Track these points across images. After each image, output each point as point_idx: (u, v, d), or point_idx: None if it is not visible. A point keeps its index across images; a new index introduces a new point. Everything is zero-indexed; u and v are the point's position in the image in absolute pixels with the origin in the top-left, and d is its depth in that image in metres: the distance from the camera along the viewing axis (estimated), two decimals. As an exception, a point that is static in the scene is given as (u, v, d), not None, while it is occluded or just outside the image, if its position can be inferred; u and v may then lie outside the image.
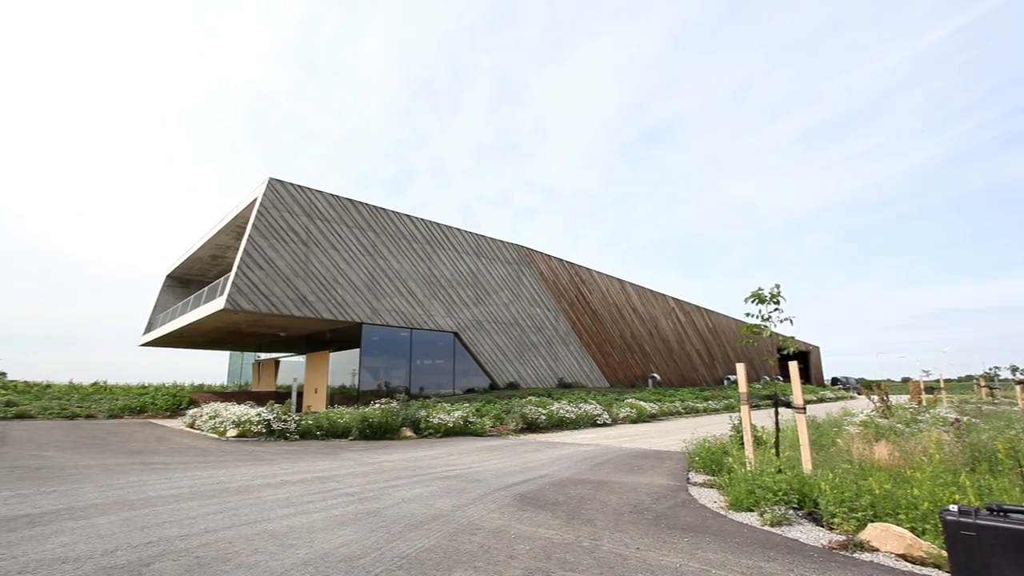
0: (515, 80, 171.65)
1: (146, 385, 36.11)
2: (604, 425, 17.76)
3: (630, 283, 35.05)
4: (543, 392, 22.87)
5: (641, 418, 19.90)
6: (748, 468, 6.06)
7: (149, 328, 28.68)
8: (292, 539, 4.22)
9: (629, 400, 21.82)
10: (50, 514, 4.97)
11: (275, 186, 17.99)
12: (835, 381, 58.62)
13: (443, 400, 18.29)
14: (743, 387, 6.55)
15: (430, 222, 22.69)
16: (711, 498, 6.12)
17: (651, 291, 37.16)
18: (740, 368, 6.67)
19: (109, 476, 7.17)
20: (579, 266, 30.77)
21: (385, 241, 20.80)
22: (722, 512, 5.45)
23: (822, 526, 4.80)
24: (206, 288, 20.08)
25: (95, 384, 35.57)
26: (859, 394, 46.04)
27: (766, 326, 6.78)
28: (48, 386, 33.76)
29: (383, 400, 14.39)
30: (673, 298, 39.69)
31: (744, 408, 6.55)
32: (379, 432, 13.00)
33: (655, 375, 34.49)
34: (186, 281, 29.31)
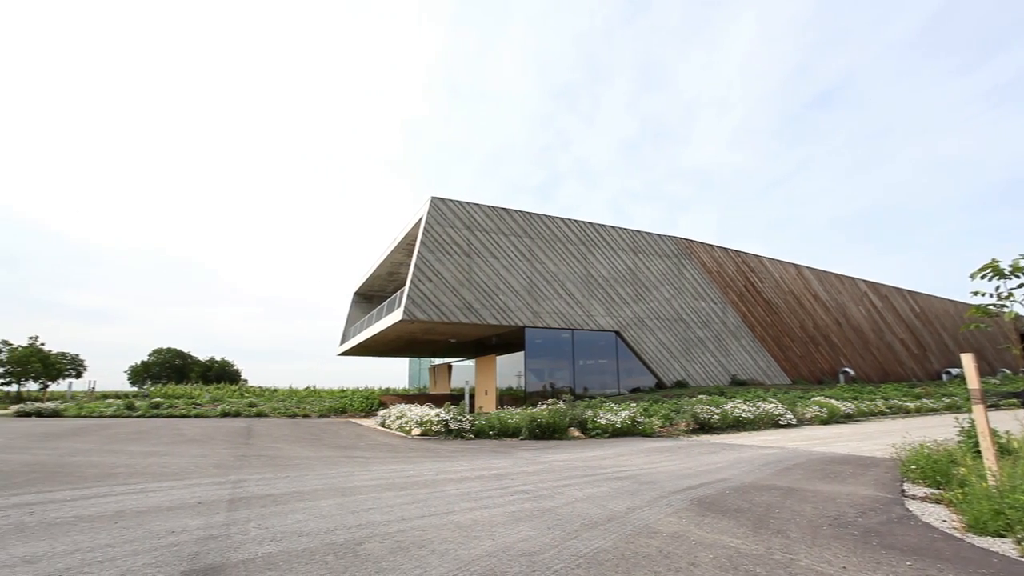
0: (656, 68, 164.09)
1: (345, 389, 41.74)
2: (788, 426, 16.05)
3: (808, 268, 31.30)
4: (714, 390, 21.45)
5: (833, 418, 17.60)
6: (991, 482, 4.97)
7: (343, 340, 33.02)
8: (476, 531, 4.48)
9: (816, 398, 19.44)
10: (286, 495, 5.95)
11: (437, 204, 19.53)
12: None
13: (608, 400, 18.14)
14: (974, 383, 5.40)
15: (583, 222, 22.74)
16: (937, 516, 5.14)
17: (835, 275, 32.74)
18: (967, 359, 5.51)
19: (324, 466, 8.37)
20: (746, 254, 28.34)
21: (541, 245, 21.33)
22: (956, 534, 4.54)
23: (1113, 560, 3.73)
24: (386, 302, 22.54)
25: (307, 389, 42.10)
26: None
27: (1006, 307, 5.50)
28: (275, 390, 40.79)
29: (549, 401, 14.72)
30: (864, 281, 34.49)
31: (978, 408, 5.40)
32: (547, 432, 13.31)
33: (847, 370, 30.25)
34: (369, 297, 33.20)
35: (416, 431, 14.03)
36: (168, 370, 64.17)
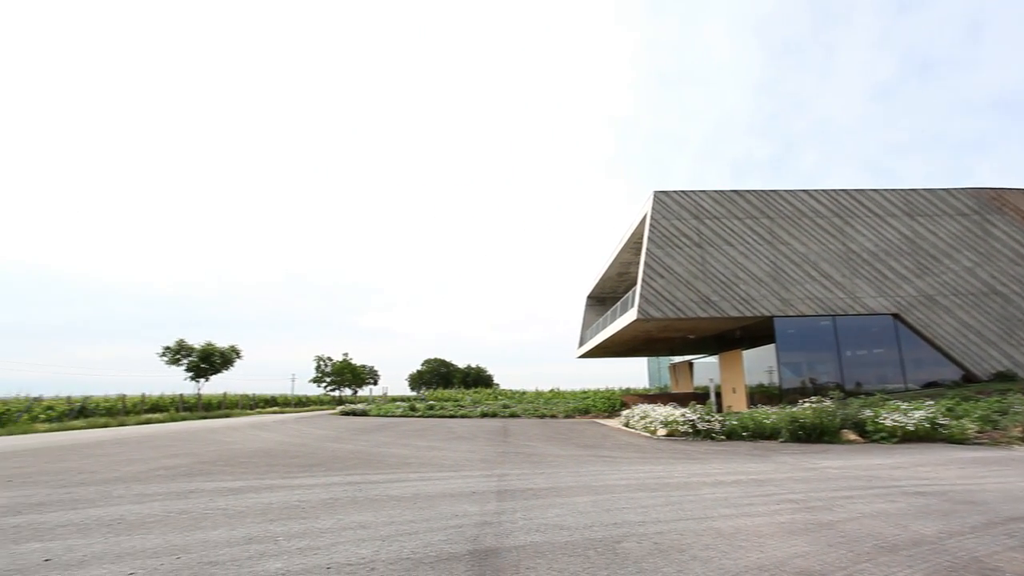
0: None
1: (587, 390, 43.25)
2: None
3: None
4: (1061, 385, 16.05)
5: None
6: None
7: (581, 343, 34.24)
8: (740, 540, 4.13)
9: None
10: (544, 490, 6.38)
11: (660, 198, 18.95)
12: None
13: (891, 397, 15.06)
14: None
15: (833, 191, 19.52)
16: None
17: None
18: None
19: (575, 465, 8.74)
20: (1097, 196, 20.66)
21: (783, 224, 18.99)
22: None
23: None
24: (618, 303, 22.65)
25: (552, 391, 44.85)
26: None
27: None
28: (523, 393, 44.47)
29: (812, 398, 12.90)
30: None
31: None
32: (813, 434, 11.67)
33: None
34: (602, 299, 33.82)
35: (661, 431, 13.70)
36: (436, 377, 75.45)
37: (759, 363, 19.78)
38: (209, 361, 32.50)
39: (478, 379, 75.81)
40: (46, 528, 4.70)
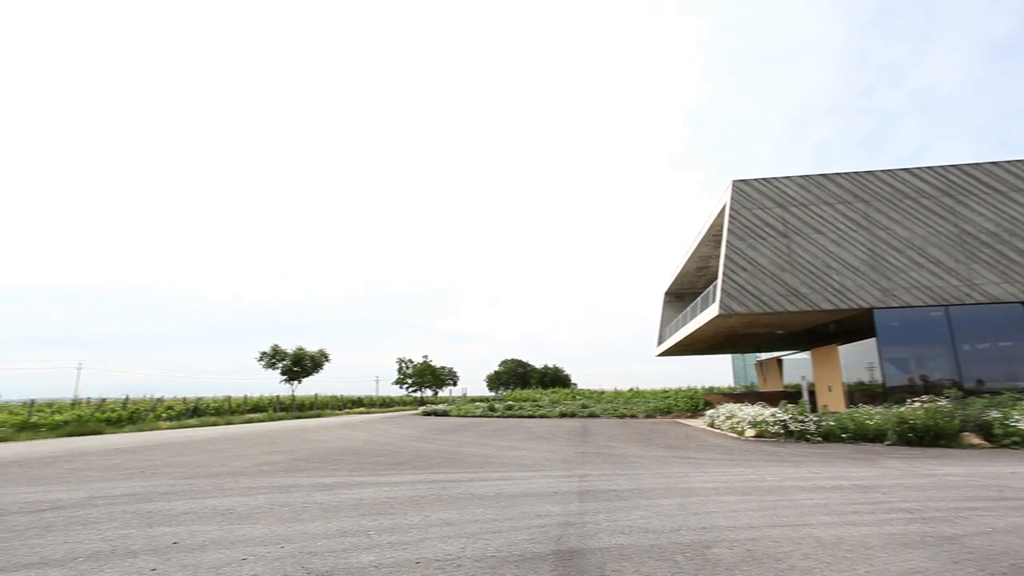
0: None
1: (667, 389, 42.04)
2: None
3: None
4: None
5: None
6: None
7: (660, 340, 33.26)
8: (844, 551, 3.84)
9: None
10: (627, 492, 6.26)
11: (739, 187, 18.04)
12: None
13: (1023, 396, 13.40)
14: None
15: (941, 168, 17.68)
16: None
17: None
18: None
19: (658, 466, 8.51)
20: None
21: (880, 207, 17.46)
22: None
23: None
24: (699, 298, 21.79)
25: (631, 390, 43.98)
26: None
27: None
28: (602, 392, 43.94)
29: (924, 398, 11.76)
30: None
31: None
32: (925, 437, 10.64)
33: None
34: (680, 295, 32.68)
35: (749, 432, 13.04)
36: (513, 377, 76.10)
37: (858, 359, 18.31)
38: (301, 365, 34.70)
39: (555, 379, 75.67)
40: (172, 515, 5.22)
